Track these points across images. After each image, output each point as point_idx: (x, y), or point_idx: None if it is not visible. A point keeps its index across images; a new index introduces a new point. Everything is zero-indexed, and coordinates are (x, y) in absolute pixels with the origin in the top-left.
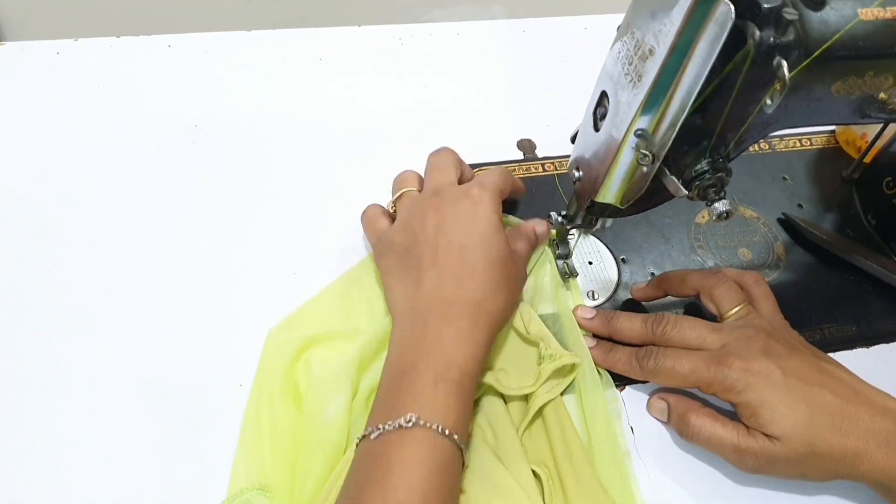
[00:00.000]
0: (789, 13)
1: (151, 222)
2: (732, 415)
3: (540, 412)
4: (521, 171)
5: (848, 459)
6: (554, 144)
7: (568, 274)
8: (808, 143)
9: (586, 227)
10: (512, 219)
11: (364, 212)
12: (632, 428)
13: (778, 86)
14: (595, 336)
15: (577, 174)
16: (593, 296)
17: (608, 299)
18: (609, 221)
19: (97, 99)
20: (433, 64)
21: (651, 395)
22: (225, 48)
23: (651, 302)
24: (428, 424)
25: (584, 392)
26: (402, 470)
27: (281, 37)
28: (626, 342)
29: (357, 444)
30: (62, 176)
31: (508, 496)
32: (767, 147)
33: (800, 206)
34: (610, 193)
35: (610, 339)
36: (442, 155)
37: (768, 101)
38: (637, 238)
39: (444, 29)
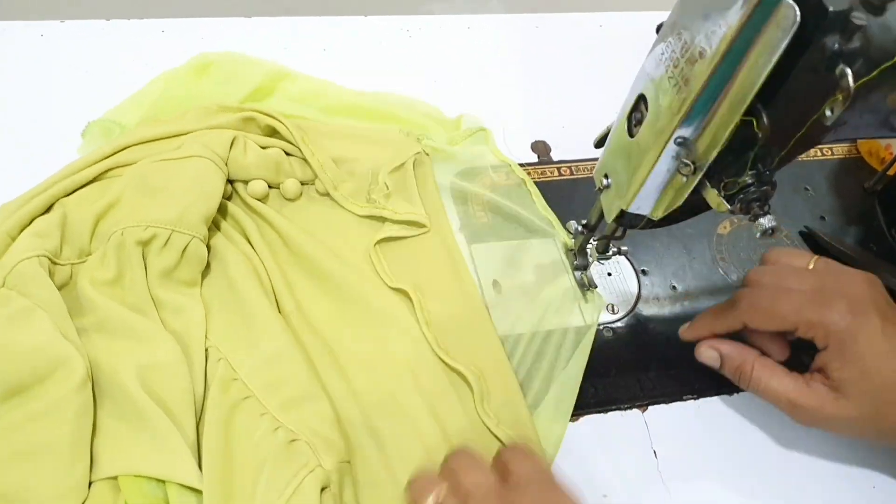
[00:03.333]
0: (858, 18)
1: None
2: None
3: None
4: (536, 175)
5: None
6: (570, 147)
7: (587, 286)
8: (830, 153)
9: (613, 239)
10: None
11: None
12: (655, 452)
13: (840, 96)
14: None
15: (605, 182)
16: (613, 310)
17: (628, 313)
18: (625, 248)
19: (84, 86)
20: (443, 58)
21: (699, 343)
22: (222, 35)
23: None
24: None
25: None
26: None
27: (283, 25)
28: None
29: None
30: (44, 166)
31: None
32: None
33: (822, 218)
34: (644, 204)
35: None
36: (464, 458)
37: (828, 112)
38: (657, 249)
39: (454, 21)
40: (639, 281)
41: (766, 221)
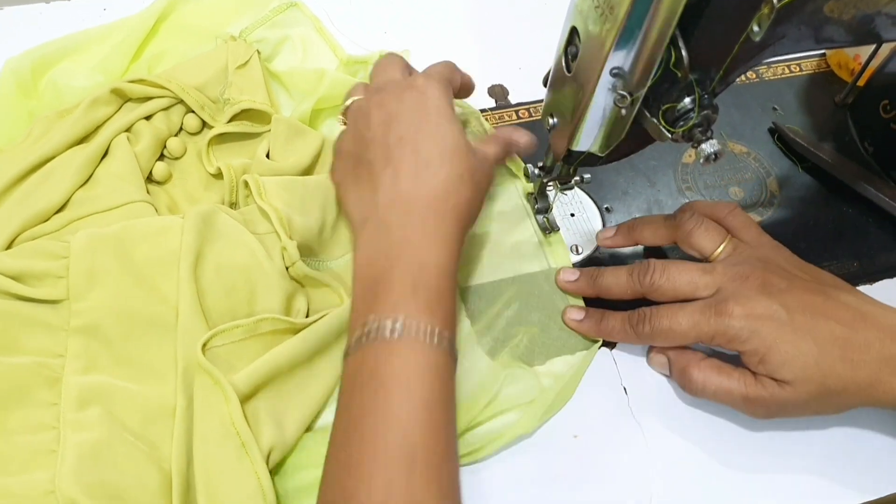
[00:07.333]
0: None
1: None
2: (734, 360)
3: None
4: (494, 120)
5: (862, 391)
6: (528, 89)
7: (549, 229)
8: (798, 69)
9: (564, 181)
10: (467, 105)
11: None
12: (625, 388)
13: (766, 10)
14: (584, 299)
15: (551, 121)
16: (577, 250)
17: (594, 251)
18: (587, 176)
19: None
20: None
21: (648, 350)
22: None
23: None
24: (414, 333)
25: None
26: (398, 389)
27: None
28: (616, 299)
29: (344, 361)
30: None
31: None
32: (755, 76)
33: None
34: (587, 140)
35: (599, 300)
36: (386, 57)
37: (755, 28)
38: (621, 184)
39: None
40: (603, 219)
41: (708, 147)
